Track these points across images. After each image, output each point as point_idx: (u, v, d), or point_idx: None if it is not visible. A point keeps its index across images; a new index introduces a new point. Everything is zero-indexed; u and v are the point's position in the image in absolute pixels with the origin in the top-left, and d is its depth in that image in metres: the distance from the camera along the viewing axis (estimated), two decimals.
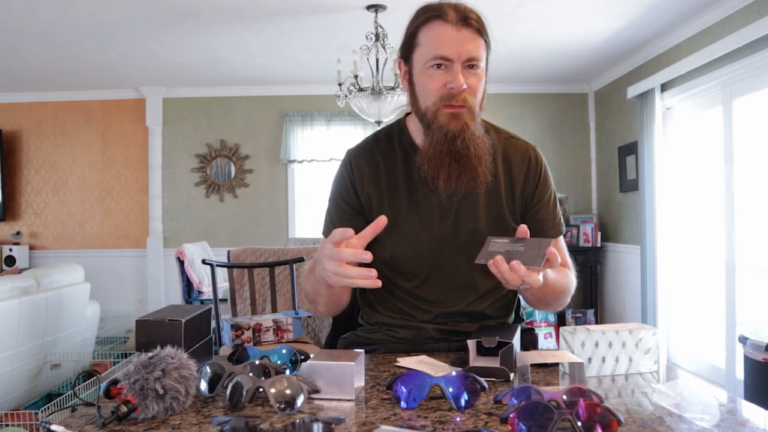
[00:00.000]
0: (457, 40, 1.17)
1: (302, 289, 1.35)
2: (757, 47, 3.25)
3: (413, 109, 1.28)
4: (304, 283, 1.33)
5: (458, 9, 1.19)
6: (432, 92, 1.20)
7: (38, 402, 3.24)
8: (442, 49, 1.17)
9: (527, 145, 1.35)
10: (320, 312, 1.33)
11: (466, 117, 1.20)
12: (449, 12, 1.18)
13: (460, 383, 0.87)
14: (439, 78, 1.19)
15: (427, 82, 1.21)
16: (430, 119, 1.21)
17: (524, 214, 1.32)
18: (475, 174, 1.22)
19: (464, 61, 1.18)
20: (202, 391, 0.93)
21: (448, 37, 1.17)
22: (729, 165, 3.61)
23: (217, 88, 5.59)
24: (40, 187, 5.70)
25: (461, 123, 1.19)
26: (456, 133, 1.19)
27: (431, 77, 1.20)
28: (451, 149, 1.19)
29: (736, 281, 3.57)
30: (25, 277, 3.26)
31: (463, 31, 1.18)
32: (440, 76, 1.19)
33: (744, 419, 0.84)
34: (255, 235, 5.64)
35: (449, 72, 1.18)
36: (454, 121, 1.19)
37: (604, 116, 5.46)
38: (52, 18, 3.72)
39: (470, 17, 1.18)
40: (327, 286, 1.18)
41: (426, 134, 1.23)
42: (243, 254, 3.37)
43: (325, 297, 1.25)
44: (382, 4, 3.60)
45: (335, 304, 1.29)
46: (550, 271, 1.20)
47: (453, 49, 1.17)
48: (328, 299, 1.26)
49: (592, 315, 5.29)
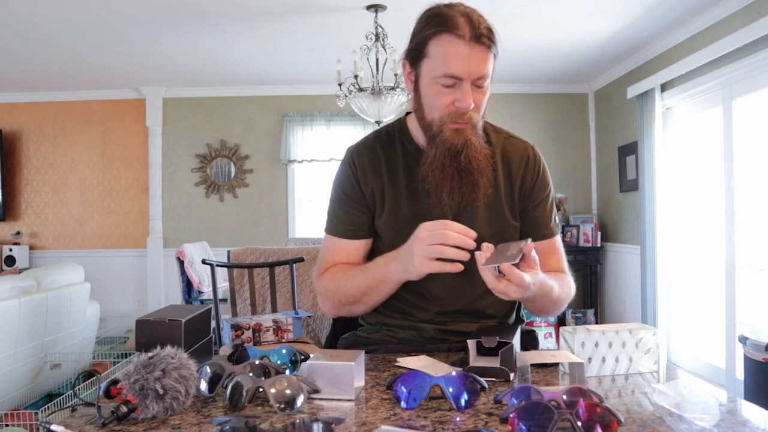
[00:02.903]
0: (469, 59, 1.15)
1: (323, 290, 1.32)
2: (757, 47, 3.25)
3: (417, 115, 1.28)
4: (328, 283, 1.30)
5: (472, 22, 1.15)
6: (439, 108, 1.20)
7: (38, 402, 3.24)
8: (454, 68, 1.16)
9: (526, 144, 1.36)
10: (354, 311, 1.32)
11: (470, 132, 1.21)
12: (462, 26, 1.15)
13: (460, 383, 0.87)
14: (448, 95, 1.18)
15: (435, 96, 1.20)
16: (435, 132, 1.22)
17: (521, 212, 1.33)
18: (476, 186, 1.23)
19: (474, 80, 1.17)
20: (202, 391, 0.93)
21: (460, 56, 1.15)
22: (729, 165, 3.61)
23: (217, 88, 5.59)
24: (40, 187, 5.70)
25: (464, 138, 1.20)
26: (460, 148, 1.20)
27: (439, 93, 1.19)
28: (454, 163, 1.21)
29: (736, 281, 3.57)
30: (25, 277, 3.26)
31: (476, 49, 1.15)
32: (449, 93, 1.18)
33: (744, 419, 0.84)
34: (255, 235, 5.64)
35: (458, 90, 1.17)
36: (458, 136, 1.20)
37: (604, 116, 5.46)
38: (53, 18, 3.72)
39: (483, 33, 1.15)
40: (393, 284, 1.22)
41: (430, 145, 1.24)
42: (243, 254, 3.37)
43: (381, 296, 1.26)
44: (382, 4, 3.60)
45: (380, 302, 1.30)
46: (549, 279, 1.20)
47: (464, 69, 1.15)
48: (381, 299, 1.27)
49: (592, 315, 5.29)
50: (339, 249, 1.33)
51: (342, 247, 1.33)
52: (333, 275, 1.30)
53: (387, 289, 1.24)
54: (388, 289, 1.24)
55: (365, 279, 1.24)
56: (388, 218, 1.30)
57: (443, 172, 1.21)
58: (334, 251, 1.33)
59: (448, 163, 1.21)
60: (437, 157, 1.21)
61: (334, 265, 1.32)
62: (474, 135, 1.21)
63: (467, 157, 1.20)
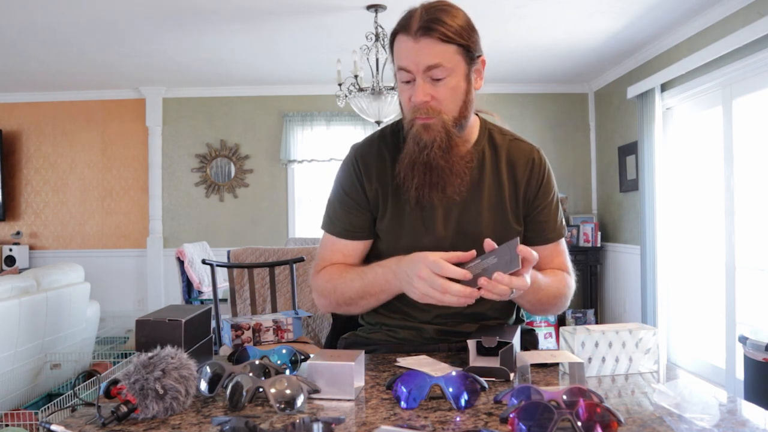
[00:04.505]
0: (415, 51, 1.15)
1: (320, 289, 1.31)
2: (757, 47, 3.25)
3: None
4: (325, 284, 1.30)
5: (422, 17, 1.14)
6: (404, 104, 1.23)
7: (38, 402, 3.24)
8: (402, 61, 1.17)
9: (531, 148, 1.34)
10: (351, 311, 1.32)
11: (438, 129, 1.18)
12: (412, 23, 1.15)
13: (460, 383, 0.87)
14: (407, 91, 1.20)
15: (400, 94, 1.23)
16: (407, 129, 1.23)
17: (526, 216, 1.32)
18: (444, 186, 1.21)
19: (425, 72, 1.16)
20: (202, 391, 0.93)
21: (407, 49, 1.16)
22: (729, 165, 3.61)
23: (217, 88, 5.59)
24: (40, 187, 5.70)
25: (432, 135, 1.18)
26: (426, 143, 1.19)
27: (402, 90, 1.22)
28: (420, 159, 1.20)
29: (736, 281, 3.57)
30: (25, 277, 3.26)
31: (423, 42, 1.14)
32: (407, 89, 1.20)
33: (744, 419, 0.84)
34: (255, 235, 5.64)
35: (413, 85, 1.18)
36: (425, 132, 1.19)
37: (604, 116, 5.46)
38: (53, 18, 3.72)
39: (433, 26, 1.13)
40: (389, 294, 1.22)
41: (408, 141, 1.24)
42: (243, 254, 3.37)
43: (380, 301, 1.26)
44: (382, 4, 3.60)
45: (377, 306, 1.31)
46: (541, 276, 1.20)
47: (410, 61, 1.16)
48: (379, 303, 1.27)
49: (592, 315, 5.29)
50: (337, 249, 1.32)
51: (340, 247, 1.32)
52: (330, 276, 1.29)
53: (385, 297, 1.24)
54: (387, 297, 1.25)
55: (363, 284, 1.23)
56: (390, 223, 1.28)
57: (411, 168, 1.21)
58: (331, 250, 1.33)
59: (416, 158, 1.20)
60: (407, 152, 1.22)
61: (331, 265, 1.31)
62: (444, 131, 1.19)
63: (434, 152, 1.19)
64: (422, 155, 1.19)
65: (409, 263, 1.11)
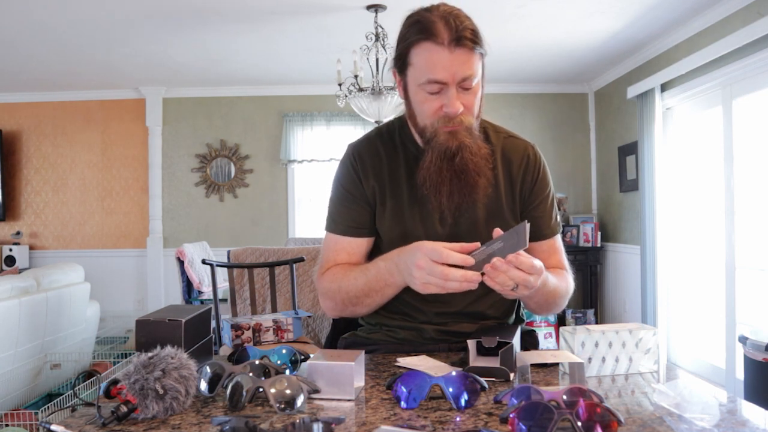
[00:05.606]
0: (451, 63, 1.13)
1: (325, 290, 1.30)
2: (757, 47, 3.25)
3: (411, 122, 1.28)
4: (329, 284, 1.29)
5: (450, 25, 1.13)
6: (428, 114, 1.20)
7: (38, 402, 3.24)
8: (436, 73, 1.14)
9: (526, 144, 1.35)
10: (357, 312, 1.30)
11: (464, 135, 1.19)
12: (441, 31, 1.12)
13: (460, 383, 0.87)
14: (435, 101, 1.18)
15: (422, 103, 1.20)
16: (429, 136, 1.21)
17: (522, 212, 1.33)
18: (475, 187, 1.22)
19: (459, 83, 1.16)
20: (202, 391, 0.93)
21: (441, 61, 1.13)
22: (729, 165, 3.61)
23: (217, 88, 5.59)
24: (40, 187, 5.70)
25: (459, 141, 1.19)
26: (455, 151, 1.19)
27: (427, 99, 1.18)
28: (450, 166, 1.20)
29: (736, 281, 3.57)
30: (25, 277, 3.26)
31: (457, 52, 1.12)
32: (436, 99, 1.17)
33: (744, 419, 0.84)
34: (255, 235, 5.64)
35: (445, 95, 1.16)
36: (453, 139, 1.19)
37: (604, 116, 5.46)
38: (53, 18, 3.72)
39: (463, 35, 1.12)
40: (395, 288, 1.19)
41: (426, 149, 1.23)
42: (243, 254, 3.37)
43: (385, 298, 1.24)
44: (382, 4, 3.60)
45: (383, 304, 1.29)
46: (551, 277, 1.21)
47: (447, 73, 1.14)
48: (385, 300, 1.26)
49: (592, 315, 5.29)
50: (341, 248, 1.32)
51: (344, 245, 1.31)
52: (334, 276, 1.29)
53: (391, 291, 1.23)
54: (392, 292, 1.23)
55: (367, 281, 1.22)
56: (390, 220, 1.29)
57: (440, 176, 1.20)
58: (335, 250, 1.32)
59: (445, 166, 1.20)
60: (433, 161, 1.21)
61: (336, 265, 1.31)
62: (468, 136, 1.20)
63: (463, 159, 1.19)
64: (452, 162, 1.19)
65: (408, 253, 1.11)
